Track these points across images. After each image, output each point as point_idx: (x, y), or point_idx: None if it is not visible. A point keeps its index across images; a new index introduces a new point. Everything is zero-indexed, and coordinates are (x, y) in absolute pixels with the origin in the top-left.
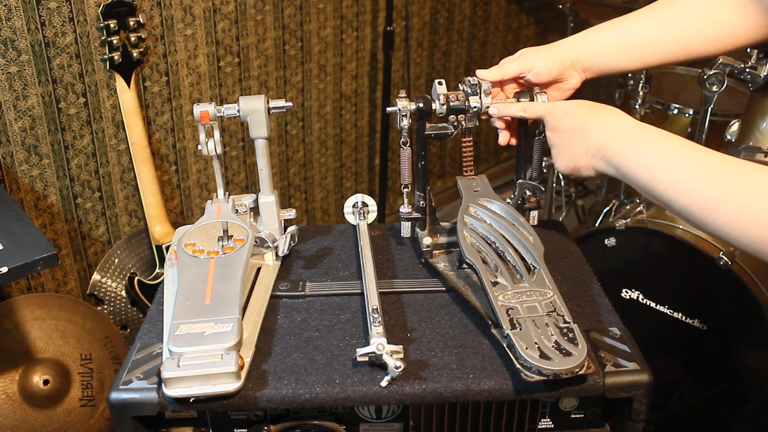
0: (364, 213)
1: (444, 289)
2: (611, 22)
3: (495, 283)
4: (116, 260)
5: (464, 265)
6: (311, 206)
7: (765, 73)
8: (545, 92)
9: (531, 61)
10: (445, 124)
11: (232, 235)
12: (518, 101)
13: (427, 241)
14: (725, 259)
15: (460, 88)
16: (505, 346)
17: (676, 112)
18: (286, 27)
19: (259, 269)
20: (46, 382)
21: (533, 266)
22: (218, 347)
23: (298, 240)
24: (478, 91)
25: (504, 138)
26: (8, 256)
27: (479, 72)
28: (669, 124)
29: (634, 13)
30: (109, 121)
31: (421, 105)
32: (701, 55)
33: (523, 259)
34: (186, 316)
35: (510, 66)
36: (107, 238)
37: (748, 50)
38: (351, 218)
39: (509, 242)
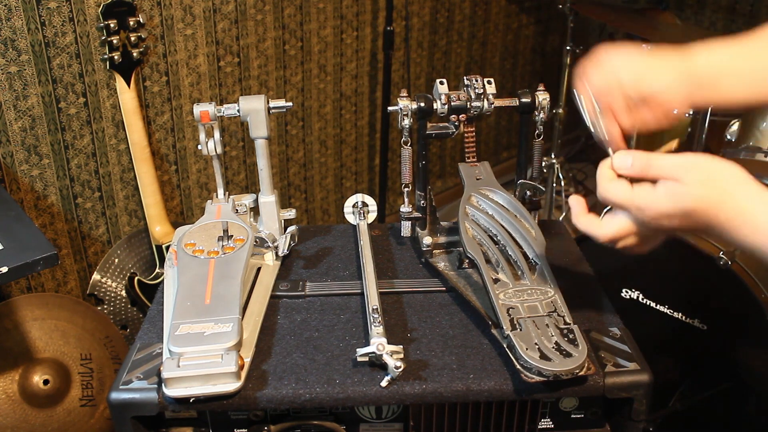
0: (364, 213)
1: (444, 289)
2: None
3: (496, 280)
4: (116, 260)
5: (465, 265)
6: (311, 206)
7: None
8: None
9: (653, 86)
10: (446, 124)
11: (232, 235)
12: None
13: (427, 240)
14: (725, 258)
15: (465, 82)
16: (505, 346)
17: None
18: (286, 27)
19: (259, 269)
20: (46, 382)
21: (535, 262)
22: (218, 347)
23: (298, 240)
24: (482, 98)
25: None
26: (8, 256)
27: (618, 159)
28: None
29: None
30: (109, 121)
31: (422, 104)
32: None
33: (524, 254)
34: (186, 316)
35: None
36: (107, 238)
37: None
38: (351, 218)
39: (511, 236)
